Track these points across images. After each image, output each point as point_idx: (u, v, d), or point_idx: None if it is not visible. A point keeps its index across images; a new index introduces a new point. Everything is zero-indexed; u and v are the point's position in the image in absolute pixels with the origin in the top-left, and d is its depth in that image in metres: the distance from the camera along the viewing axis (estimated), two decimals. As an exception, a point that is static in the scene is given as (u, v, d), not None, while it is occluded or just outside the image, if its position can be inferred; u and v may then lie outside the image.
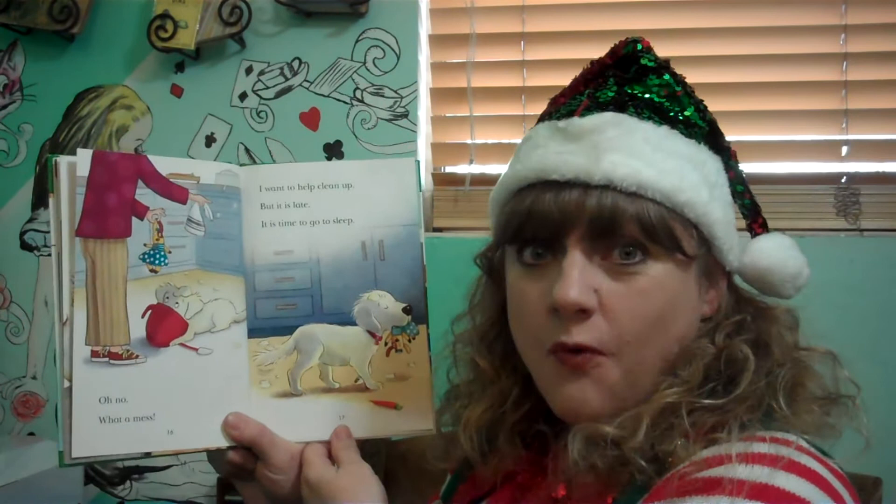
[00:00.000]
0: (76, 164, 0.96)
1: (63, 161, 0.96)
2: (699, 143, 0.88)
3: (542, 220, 0.84)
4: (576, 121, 0.86)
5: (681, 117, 0.87)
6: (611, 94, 0.88)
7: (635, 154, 0.82)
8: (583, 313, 0.81)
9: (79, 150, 0.96)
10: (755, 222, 0.94)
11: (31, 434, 2.18)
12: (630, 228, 0.81)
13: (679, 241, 0.83)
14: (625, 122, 0.85)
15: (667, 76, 0.88)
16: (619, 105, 0.87)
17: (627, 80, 0.89)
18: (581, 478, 0.82)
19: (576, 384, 0.83)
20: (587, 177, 0.82)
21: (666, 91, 0.88)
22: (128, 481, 2.15)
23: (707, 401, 0.81)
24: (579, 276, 0.81)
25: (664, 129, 0.85)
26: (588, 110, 0.87)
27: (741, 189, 0.93)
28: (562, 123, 0.87)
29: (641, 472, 0.79)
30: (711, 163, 0.88)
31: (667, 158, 0.83)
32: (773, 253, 0.90)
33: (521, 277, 0.87)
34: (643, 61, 0.89)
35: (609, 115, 0.85)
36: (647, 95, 0.87)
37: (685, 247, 0.83)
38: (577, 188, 0.82)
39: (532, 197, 0.85)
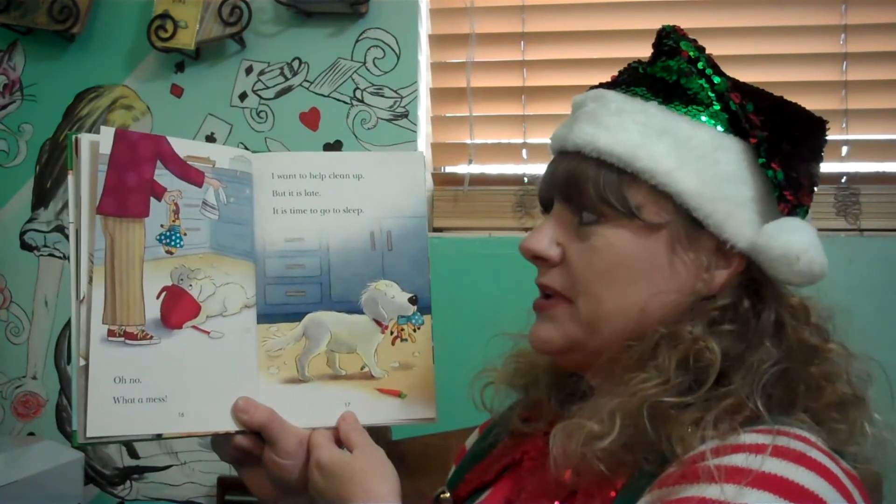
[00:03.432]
0: (98, 143, 0.96)
1: (85, 139, 0.96)
2: (697, 118, 0.89)
3: (540, 188, 0.97)
4: (573, 99, 0.95)
5: (689, 94, 0.90)
6: (622, 76, 0.95)
7: (602, 124, 0.89)
8: (543, 261, 0.93)
9: (102, 128, 0.96)
10: (781, 199, 0.88)
11: (31, 434, 2.17)
12: (589, 192, 0.89)
13: (637, 207, 0.87)
14: (606, 97, 0.92)
15: (676, 59, 0.92)
16: (615, 84, 0.94)
17: (646, 63, 0.95)
18: (587, 463, 0.82)
19: (539, 324, 0.94)
20: (563, 145, 0.93)
21: (674, 71, 0.91)
22: (128, 481, 2.15)
23: (673, 398, 0.81)
24: (543, 231, 0.93)
25: (651, 104, 0.90)
26: (591, 89, 0.95)
27: (762, 161, 0.88)
28: None
29: (648, 460, 0.80)
30: (706, 137, 0.88)
31: (632, 128, 0.88)
32: (776, 237, 0.86)
33: None
34: (661, 45, 0.93)
35: (596, 92, 0.94)
36: (658, 76, 0.92)
37: (645, 214, 0.87)
38: (560, 157, 0.94)
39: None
